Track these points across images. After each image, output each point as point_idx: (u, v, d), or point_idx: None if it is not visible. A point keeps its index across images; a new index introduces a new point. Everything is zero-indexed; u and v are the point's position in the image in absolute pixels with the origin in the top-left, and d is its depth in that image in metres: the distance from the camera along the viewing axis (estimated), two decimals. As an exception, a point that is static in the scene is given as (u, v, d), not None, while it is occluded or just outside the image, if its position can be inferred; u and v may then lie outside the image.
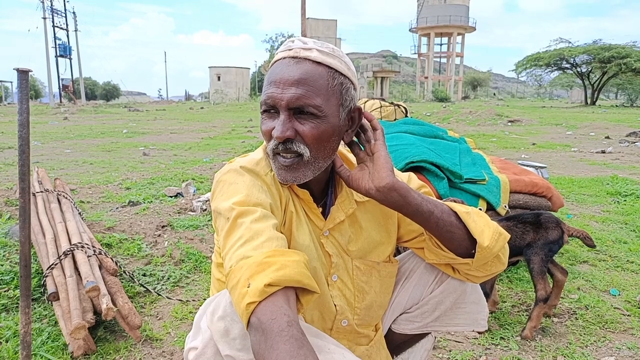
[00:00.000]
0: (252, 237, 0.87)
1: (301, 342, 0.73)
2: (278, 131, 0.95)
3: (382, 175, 0.99)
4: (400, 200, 1.00)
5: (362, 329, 1.19)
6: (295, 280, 0.81)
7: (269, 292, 0.78)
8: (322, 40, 1.09)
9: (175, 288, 2.49)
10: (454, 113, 18.91)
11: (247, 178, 0.99)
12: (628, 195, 4.60)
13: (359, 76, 51.37)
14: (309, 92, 0.95)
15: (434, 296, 1.22)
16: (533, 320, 2.01)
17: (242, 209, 0.92)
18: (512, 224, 2.11)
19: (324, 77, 0.97)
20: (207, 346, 0.91)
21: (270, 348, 0.72)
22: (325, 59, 0.98)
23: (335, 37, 48.48)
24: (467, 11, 56.47)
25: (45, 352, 1.83)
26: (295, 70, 0.96)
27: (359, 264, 1.14)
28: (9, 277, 2.36)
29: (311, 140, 0.97)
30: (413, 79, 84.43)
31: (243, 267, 0.82)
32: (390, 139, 2.95)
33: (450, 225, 1.03)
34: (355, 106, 1.04)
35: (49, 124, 15.55)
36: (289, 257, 0.84)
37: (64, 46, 44.42)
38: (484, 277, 1.13)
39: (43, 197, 3.15)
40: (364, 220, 1.14)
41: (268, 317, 0.75)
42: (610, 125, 13.99)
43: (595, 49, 34.72)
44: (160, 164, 6.82)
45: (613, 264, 2.86)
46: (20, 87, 1.36)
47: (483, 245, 1.02)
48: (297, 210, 1.07)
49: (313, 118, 0.96)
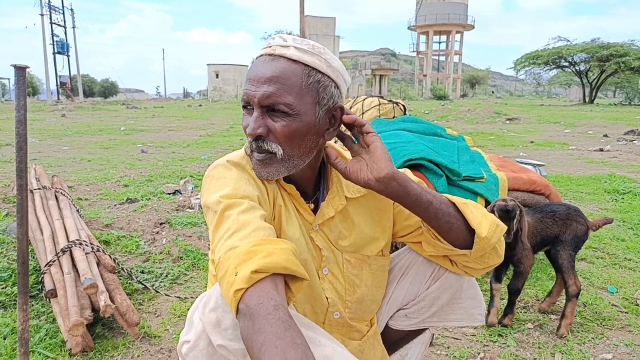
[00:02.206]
0: (240, 228, 0.88)
1: (288, 325, 0.73)
2: (250, 128, 0.97)
3: (381, 165, 0.99)
4: (401, 190, 1.00)
5: (354, 322, 1.19)
6: (282, 266, 0.81)
7: (255, 279, 0.78)
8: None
9: (173, 285, 2.49)
10: (453, 111, 18.91)
11: (234, 172, 1.01)
12: (626, 193, 4.62)
13: (357, 74, 51.36)
14: (279, 90, 0.95)
15: (430, 292, 1.22)
16: (568, 318, 2.00)
17: (229, 201, 0.93)
18: (542, 215, 2.10)
19: (297, 74, 0.96)
20: (200, 338, 0.92)
21: (257, 331, 0.73)
22: (302, 57, 0.97)
23: (333, 35, 48.36)
24: (466, 9, 56.47)
25: (43, 349, 1.82)
26: (269, 67, 0.96)
27: (350, 258, 1.14)
28: (7, 274, 2.35)
29: (282, 138, 0.98)
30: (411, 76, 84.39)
31: (231, 257, 0.83)
32: (388, 137, 2.95)
33: (448, 216, 1.04)
34: (336, 105, 1.02)
35: (46, 121, 15.51)
36: (276, 245, 0.84)
37: (62, 43, 44.25)
38: (481, 270, 1.13)
39: (41, 194, 3.14)
40: (356, 215, 1.14)
41: (255, 302, 0.76)
42: (608, 123, 14.02)
43: (593, 47, 34.76)
44: (158, 161, 6.81)
45: (611, 261, 2.86)
46: (17, 84, 1.35)
47: (481, 235, 1.02)
48: (287, 204, 1.08)
49: (285, 116, 0.96)
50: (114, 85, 63.92)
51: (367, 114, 4.21)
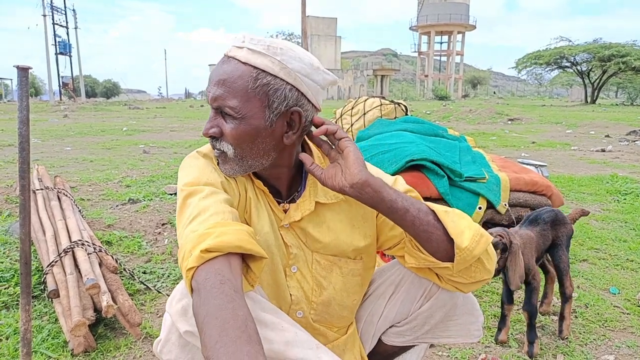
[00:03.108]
0: (199, 213, 0.89)
1: (231, 298, 0.74)
2: (204, 128, 1.01)
3: (354, 171, 0.97)
4: (375, 196, 0.98)
5: (318, 324, 1.17)
6: (235, 245, 0.82)
7: (206, 258, 0.80)
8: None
9: (175, 285, 2.49)
10: (454, 111, 18.90)
11: (201, 161, 1.04)
12: (628, 194, 4.60)
13: (359, 74, 51.35)
14: (225, 93, 0.95)
15: (422, 311, 1.18)
16: (567, 319, 2.00)
17: (191, 189, 0.96)
18: (540, 227, 2.02)
19: (244, 77, 0.95)
20: (170, 332, 0.94)
21: (202, 304, 0.74)
22: (251, 59, 0.95)
23: (335, 35, 48.39)
24: (468, 9, 56.46)
25: (45, 349, 1.83)
26: (220, 69, 0.98)
27: (320, 259, 1.12)
28: (9, 274, 2.36)
29: (232, 140, 0.99)
30: (413, 77, 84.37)
31: (187, 241, 0.85)
32: (390, 137, 2.95)
33: (427, 225, 0.99)
34: (292, 109, 0.98)
35: (49, 122, 15.53)
36: (230, 227, 0.85)
37: (64, 44, 44.39)
38: (470, 285, 1.07)
39: (43, 195, 3.15)
40: (333, 221, 1.11)
41: (202, 278, 0.78)
42: (610, 123, 13.98)
43: (595, 47, 34.71)
44: (160, 161, 6.82)
45: (613, 262, 2.86)
46: (20, 84, 1.36)
47: (461, 246, 0.96)
48: (258, 197, 1.08)
49: (232, 119, 0.97)
50: (116, 86, 64.04)
51: (369, 115, 4.21)
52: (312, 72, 0.99)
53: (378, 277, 1.26)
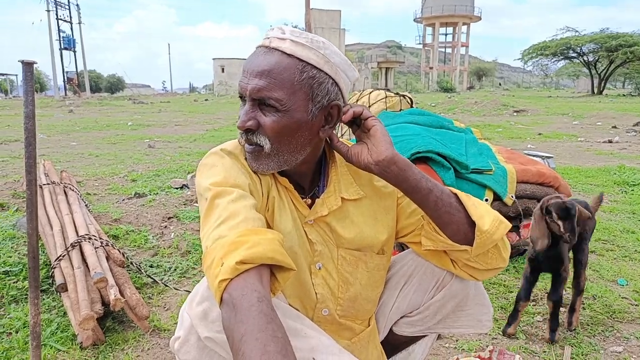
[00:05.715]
0: (229, 217, 0.87)
1: (270, 318, 0.74)
2: (240, 121, 0.97)
3: (381, 149, 0.97)
4: (400, 175, 0.98)
5: (345, 320, 1.16)
6: (267, 257, 0.81)
7: (240, 270, 0.78)
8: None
9: (182, 279, 2.51)
10: (459, 103, 18.80)
11: (227, 160, 1.00)
12: (635, 185, 4.57)
13: (363, 67, 51.08)
14: (270, 84, 0.93)
15: (435, 301, 1.19)
16: (577, 311, 2.00)
17: (219, 189, 0.92)
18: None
19: (290, 69, 0.93)
20: (190, 333, 0.92)
21: (239, 322, 0.73)
22: (297, 51, 0.94)
23: (339, 28, 48.10)
24: (472, 0, 55.93)
25: (54, 342, 1.85)
26: (263, 60, 0.94)
27: (345, 254, 1.11)
28: (18, 268, 2.38)
29: (271, 133, 0.96)
30: (418, 69, 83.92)
31: (217, 248, 0.82)
32: (395, 130, 2.93)
33: (449, 206, 1.00)
34: (332, 102, 0.99)
35: (54, 117, 15.59)
36: (262, 236, 0.84)
37: (68, 39, 44.43)
38: (485, 272, 1.09)
39: (50, 190, 3.17)
40: (357, 216, 1.11)
41: (239, 293, 0.76)
42: (617, 114, 13.85)
43: (602, 37, 34.31)
44: (165, 156, 6.83)
45: (621, 253, 2.84)
46: (25, 79, 1.36)
47: (483, 228, 0.98)
48: (281, 196, 1.06)
49: (274, 111, 0.95)
50: (120, 81, 64.13)
51: (374, 107, 4.19)
52: (347, 67, 1.01)
53: (391, 268, 1.26)
